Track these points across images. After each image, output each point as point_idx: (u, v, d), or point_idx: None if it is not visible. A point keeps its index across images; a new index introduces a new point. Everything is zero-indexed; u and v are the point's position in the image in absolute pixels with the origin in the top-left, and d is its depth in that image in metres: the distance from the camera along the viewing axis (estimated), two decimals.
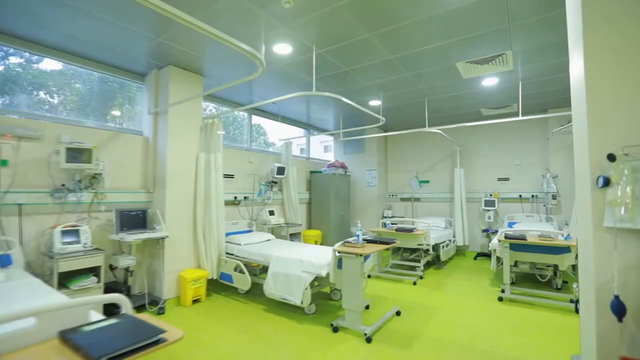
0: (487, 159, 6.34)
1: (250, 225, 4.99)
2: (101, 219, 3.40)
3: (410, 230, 4.69)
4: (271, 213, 5.19)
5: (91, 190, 3.30)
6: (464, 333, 2.92)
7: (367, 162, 7.22)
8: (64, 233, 2.94)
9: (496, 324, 3.11)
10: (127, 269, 3.38)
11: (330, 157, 7.95)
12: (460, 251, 6.44)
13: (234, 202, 4.91)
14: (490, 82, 4.24)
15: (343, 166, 6.56)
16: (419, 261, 4.97)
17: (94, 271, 2.99)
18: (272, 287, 3.42)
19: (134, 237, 3.21)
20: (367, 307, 3.53)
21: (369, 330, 2.80)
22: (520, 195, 5.93)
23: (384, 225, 5.19)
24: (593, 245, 1.36)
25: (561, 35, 3.02)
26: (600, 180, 1.29)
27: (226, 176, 4.86)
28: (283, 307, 3.54)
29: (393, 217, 7.06)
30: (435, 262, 5.62)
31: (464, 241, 6.08)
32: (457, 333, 2.93)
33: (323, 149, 11.20)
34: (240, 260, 3.89)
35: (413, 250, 5.42)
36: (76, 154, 3.04)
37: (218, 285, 4.17)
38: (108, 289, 3.21)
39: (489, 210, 5.98)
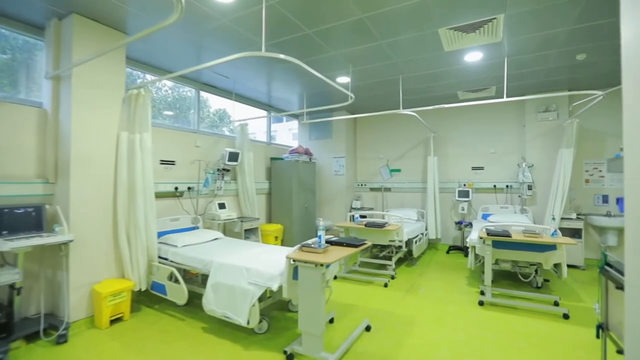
0: (462, 147, 5.94)
1: (196, 221, 4.20)
2: None
3: (382, 226, 4.15)
4: (221, 206, 4.42)
5: None
6: (447, 353, 2.41)
7: (335, 148, 6.59)
8: None
9: (481, 338, 2.64)
10: (12, 286, 2.52)
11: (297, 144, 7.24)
12: (432, 244, 6.07)
13: (174, 194, 4.09)
14: (473, 57, 3.71)
15: (307, 152, 5.88)
16: (390, 258, 4.47)
17: None
18: (212, 302, 2.72)
19: (13, 244, 2.34)
20: (331, 321, 2.95)
21: (332, 358, 2.20)
22: (495, 186, 5.61)
23: (352, 218, 4.62)
24: None
25: None
26: None
27: (165, 162, 4.02)
28: (227, 325, 2.85)
29: (362, 208, 6.54)
30: (407, 258, 5.17)
31: (437, 234, 5.69)
32: (438, 354, 2.41)
33: (292, 136, 10.46)
34: (176, 267, 3.14)
35: (384, 246, 4.92)
36: None
37: (152, 297, 3.40)
38: None
39: (462, 201, 5.61)
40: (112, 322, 2.90)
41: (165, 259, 3.29)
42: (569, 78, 4.48)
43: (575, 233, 4.67)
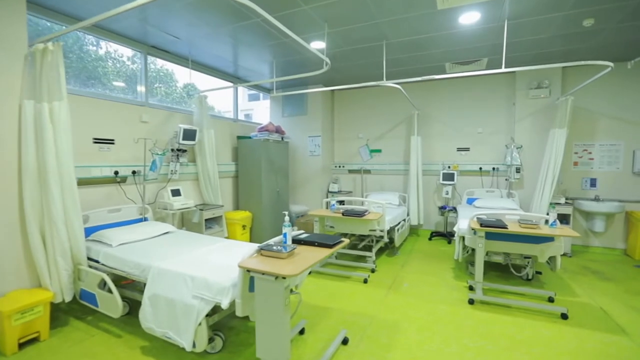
0: (447, 126, 5.50)
1: (144, 212, 3.55)
2: None
3: (361, 214, 3.67)
4: (175, 193, 3.77)
5: None
6: None
7: (310, 126, 5.98)
8: None
9: (477, 350, 2.25)
10: None
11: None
12: (413, 230, 5.71)
13: (114, 180, 3.39)
14: (469, 18, 3.17)
15: (279, 130, 5.25)
16: (370, 249, 4.04)
17: None
18: (149, 319, 2.16)
19: None
20: (301, 332, 2.47)
21: None
22: (481, 168, 5.25)
23: (328, 205, 4.11)
24: None
25: None
26: None
27: (100, 141, 3.30)
28: (172, 343, 2.31)
29: (340, 192, 6.05)
30: (387, 247, 4.78)
31: (419, 220, 5.32)
32: None
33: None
34: (109, 271, 2.53)
35: (363, 236, 4.48)
36: None
37: (85, 306, 2.77)
38: None
39: (447, 184, 5.23)
40: (24, 344, 2.29)
41: (97, 261, 2.66)
42: (566, 50, 4.06)
43: (563, 218, 4.41)
